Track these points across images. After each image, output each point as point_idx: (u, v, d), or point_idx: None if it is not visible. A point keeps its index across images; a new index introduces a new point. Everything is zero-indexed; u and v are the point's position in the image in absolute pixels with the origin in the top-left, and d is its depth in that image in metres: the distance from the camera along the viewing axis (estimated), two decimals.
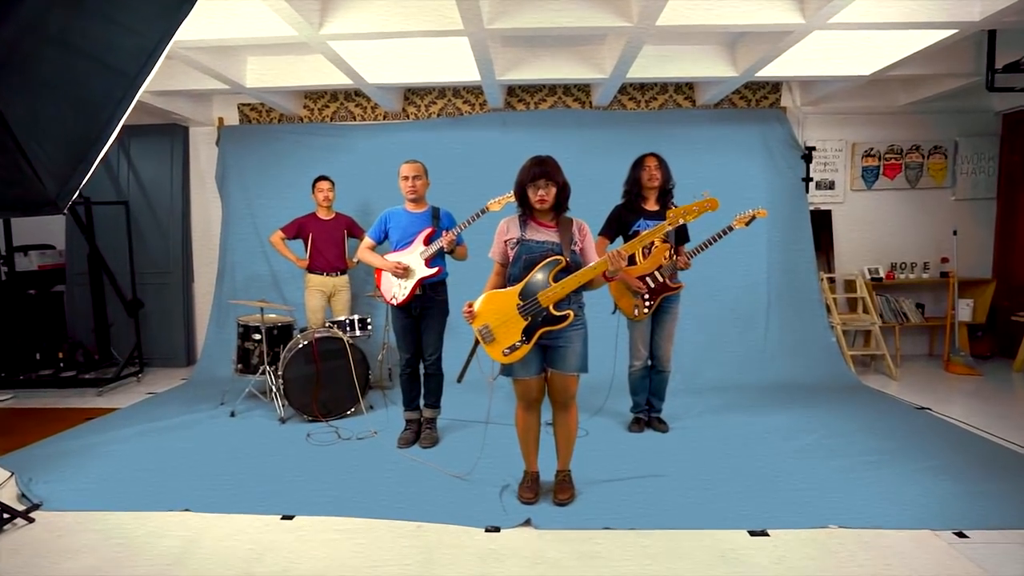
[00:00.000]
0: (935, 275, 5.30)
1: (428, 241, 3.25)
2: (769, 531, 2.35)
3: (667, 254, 3.32)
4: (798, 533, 2.33)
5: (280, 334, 4.11)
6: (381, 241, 3.34)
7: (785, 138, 5.07)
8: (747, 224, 3.28)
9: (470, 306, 2.46)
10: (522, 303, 2.39)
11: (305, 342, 3.70)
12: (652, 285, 3.33)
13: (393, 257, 3.26)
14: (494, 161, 4.99)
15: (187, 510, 2.57)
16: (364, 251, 3.34)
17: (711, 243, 3.36)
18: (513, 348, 2.40)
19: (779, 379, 4.58)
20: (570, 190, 2.50)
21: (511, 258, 2.49)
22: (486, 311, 2.44)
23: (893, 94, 5.13)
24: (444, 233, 3.20)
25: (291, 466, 3.04)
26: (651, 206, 3.35)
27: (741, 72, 4.30)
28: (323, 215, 4.49)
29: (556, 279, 2.37)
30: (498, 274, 2.60)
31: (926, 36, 3.77)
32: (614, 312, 3.47)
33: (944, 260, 5.32)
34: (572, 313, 2.39)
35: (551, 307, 2.37)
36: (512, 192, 3.15)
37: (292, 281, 5.12)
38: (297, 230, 4.45)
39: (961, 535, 2.30)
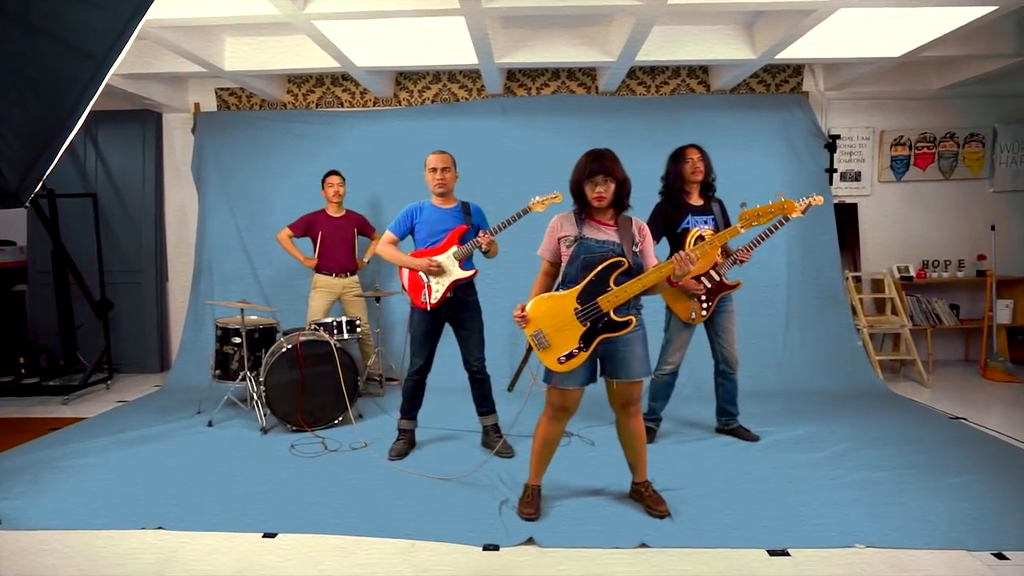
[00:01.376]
0: (971, 274, 5.30)
1: (461, 240, 3.22)
2: (790, 550, 2.35)
3: (721, 250, 3.34)
4: (821, 553, 2.33)
5: (262, 337, 4.11)
6: (404, 236, 3.31)
7: (807, 126, 5.07)
8: (803, 212, 3.26)
9: (523, 309, 2.45)
10: (581, 307, 2.39)
11: (289, 346, 3.69)
12: (709, 285, 3.34)
13: (423, 255, 3.23)
14: (493, 150, 5.00)
15: (160, 528, 2.57)
16: (386, 247, 3.27)
17: (769, 234, 3.37)
18: (570, 355, 2.39)
19: (800, 386, 4.58)
20: (630, 186, 2.50)
21: (567, 257, 2.48)
22: (540, 315, 2.43)
23: (925, 77, 5.13)
24: (481, 233, 3.18)
25: (273, 480, 3.04)
26: (695, 200, 3.37)
27: (759, 54, 4.30)
28: (333, 212, 4.54)
29: (618, 282, 2.37)
30: (547, 274, 2.58)
31: (962, 14, 3.75)
32: (670, 318, 3.46)
33: (981, 257, 5.32)
34: (635, 319, 2.40)
35: (612, 312, 2.37)
36: (555, 193, 3.20)
37: (275, 280, 5.12)
38: (306, 228, 4.50)
39: (1000, 556, 2.30)
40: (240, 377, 3.99)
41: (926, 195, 5.36)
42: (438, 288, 3.20)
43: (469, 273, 3.23)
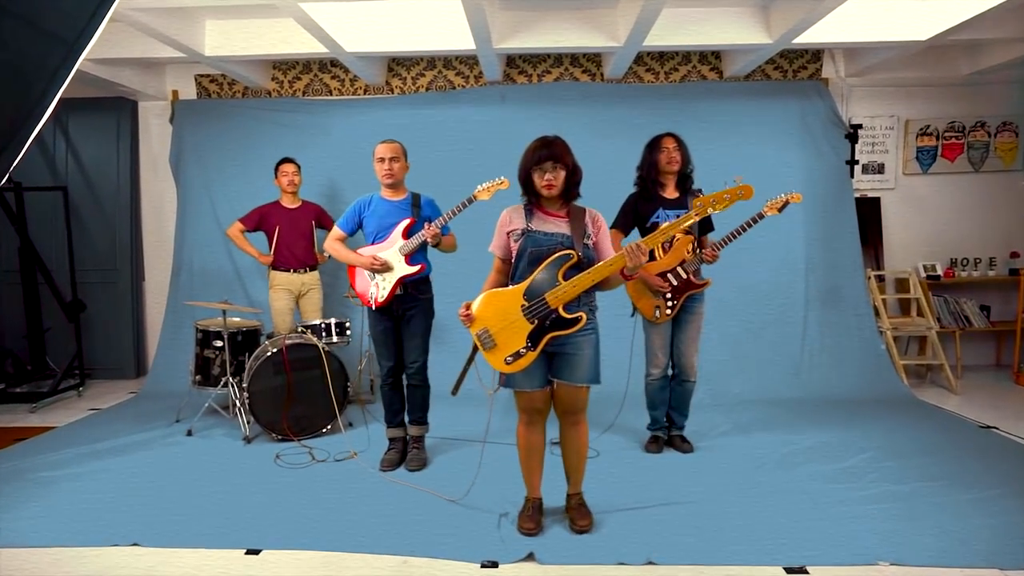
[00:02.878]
0: (1003, 272, 5.30)
1: (407, 234, 3.23)
2: (808, 568, 2.34)
3: (690, 247, 3.32)
4: (843, 571, 2.33)
5: (245, 340, 4.11)
6: (353, 232, 3.34)
7: (827, 115, 5.07)
8: (780, 210, 3.29)
9: (468, 307, 2.46)
10: (527, 304, 2.40)
11: (274, 350, 3.70)
12: (675, 283, 3.34)
13: (368, 251, 3.25)
14: (491, 141, 5.00)
15: (136, 545, 2.57)
16: (333, 243, 3.32)
17: (740, 233, 3.36)
18: (517, 356, 2.40)
19: (819, 392, 4.58)
20: (581, 174, 2.52)
21: (515, 252, 2.49)
22: (486, 313, 2.44)
23: (954, 62, 5.12)
24: (426, 225, 3.17)
25: (257, 492, 3.04)
26: (670, 193, 3.37)
27: (776, 38, 4.30)
28: (288, 203, 4.48)
29: (567, 277, 2.37)
30: (499, 271, 2.60)
31: None
32: (633, 315, 3.47)
33: (1014, 255, 5.32)
34: (584, 316, 2.40)
35: (560, 309, 2.37)
36: (501, 179, 3.20)
37: (260, 279, 5.12)
38: (259, 221, 4.44)
39: None
40: (222, 383, 3.99)
41: (954, 188, 5.36)
42: (384, 286, 3.22)
43: (415, 268, 3.22)
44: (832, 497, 2.91)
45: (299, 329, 3.95)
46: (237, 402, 3.92)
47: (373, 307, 3.25)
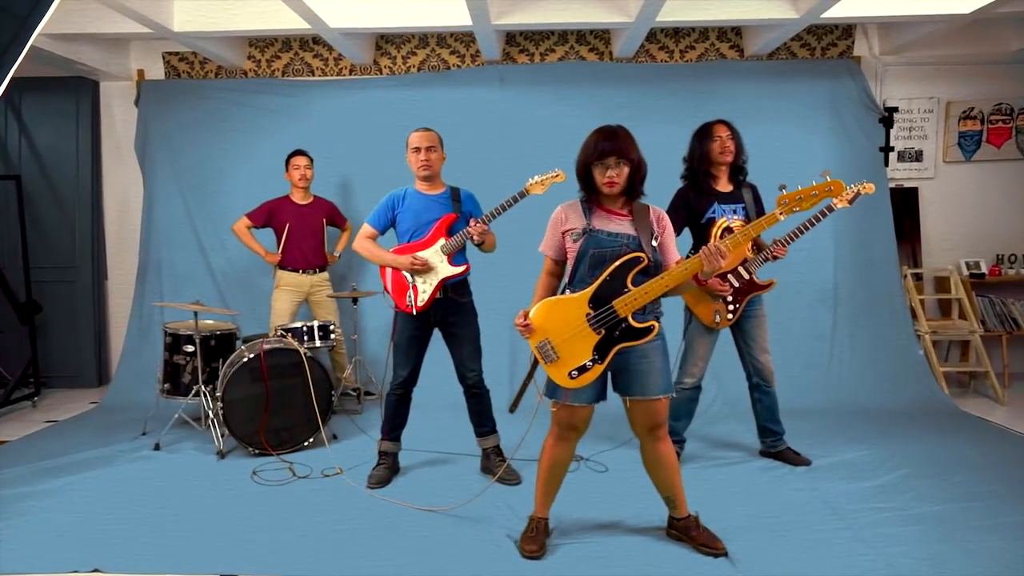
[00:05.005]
0: None
1: (449, 231, 3.23)
2: None
3: (751, 244, 3.35)
4: None
5: (219, 345, 4.12)
6: (385, 230, 3.33)
7: (859, 97, 5.08)
8: (850, 203, 3.28)
9: (525, 316, 2.45)
10: (593, 313, 2.39)
11: (251, 355, 3.70)
12: (737, 284, 3.35)
13: (401, 250, 3.24)
14: (489, 127, 5.02)
15: (97, 571, 2.56)
16: (364, 242, 3.31)
17: (808, 227, 3.34)
18: (582, 369, 2.40)
19: (849, 402, 4.59)
20: (646, 169, 2.51)
21: (573, 253, 2.49)
22: (546, 323, 2.43)
23: (1002, 38, 5.09)
24: (472, 222, 3.16)
25: (232, 512, 3.05)
26: (723, 186, 3.39)
27: (803, 13, 4.31)
28: (299, 199, 4.56)
29: (635, 282, 2.37)
30: (551, 273, 2.61)
31: None
32: (690, 321, 3.47)
33: None
34: (656, 324, 2.40)
35: (630, 317, 2.37)
36: (556, 172, 3.23)
37: (235, 278, 5.13)
38: (267, 217, 4.52)
39: None
40: (193, 392, 3.99)
41: (1001, 177, 5.38)
42: (424, 288, 3.21)
43: (460, 269, 3.24)
44: (864, 518, 2.91)
45: (279, 332, 3.96)
46: (210, 413, 3.92)
47: (415, 312, 3.22)
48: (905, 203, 5.28)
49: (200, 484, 3.38)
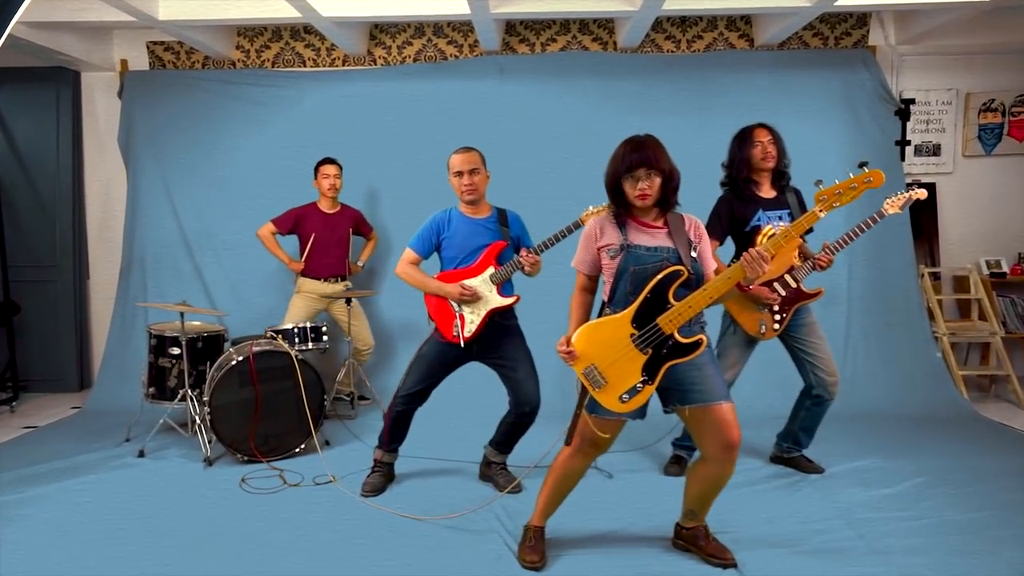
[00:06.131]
0: None
1: (499, 259, 3.22)
2: None
3: (798, 252, 3.36)
4: None
5: (206, 347, 4.12)
6: (429, 255, 3.29)
7: (874, 88, 5.09)
8: (901, 209, 3.29)
9: (567, 342, 2.43)
10: (638, 333, 2.37)
11: (239, 358, 3.71)
12: (783, 293, 3.35)
13: (444, 278, 3.21)
14: (488, 120, 5.02)
15: None
16: (408, 268, 3.26)
17: (858, 234, 3.34)
18: (633, 392, 2.39)
19: (864, 407, 4.59)
20: (679, 178, 2.48)
21: (611, 270, 2.47)
22: (590, 348, 2.41)
23: None
24: (524, 252, 3.14)
25: (219, 522, 3.05)
26: (766, 192, 3.39)
27: (816, 1, 4.32)
28: (326, 207, 4.64)
29: (677, 296, 2.36)
30: (585, 289, 2.60)
31: None
32: (729, 328, 3.48)
33: None
34: (704, 338, 2.39)
35: (676, 333, 2.36)
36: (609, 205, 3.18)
37: (223, 278, 5.14)
38: (293, 224, 4.58)
39: None
40: (179, 396, 4.00)
41: (1023, 172, 5.38)
42: (472, 319, 3.17)
43: (509, 301, 3.21)
44: (878, 528, 2.92)
45: (269, 334, 3.97)
46: (197, 418, 3.92)
47: (462, 343, 3.18)
48: (923, 199, 5.27)
49: (186, 493, 3.39)
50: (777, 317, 3.37)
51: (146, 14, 4.40)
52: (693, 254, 2.45)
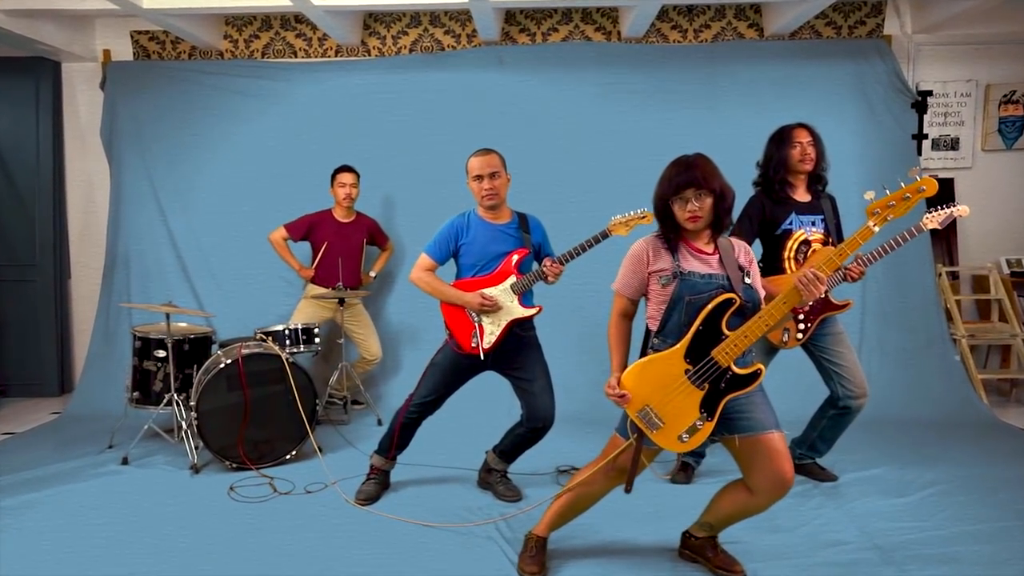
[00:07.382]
0: None
1: (520, 268, 3.20)
2: None
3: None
4: None
5: (193, 350, 4.13)
6: (445, 261, 3.26)
7: (889, 79, 5.10)
8: (941, 225, 3.25)
9: (617, 384, 2.39)
10: (693, 368, 2.33)
11: (228, 361, 3.72)
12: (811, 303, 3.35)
13: (461, 286, 3.20)
14: (487, 113, 5.03)
15: None
16: (424, 275, 3.21)
17: (894, 247, 3.31)
18: (693, 430, 2.35)
19: (879, 412, 4.55)
20: (733, 197, 2.44)
21: (662, 298, 2.42)
22: (642, 388, 2.37)
23: None
24: (547, 262, 3.13)
25: (207, 532, 3.06)
26: (801, 195, 3.40)
27: None
28: (341, 216, 4.67)
29: (731, 326, 2.31)
30: (626, 314, 2.54)
31: None
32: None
33: None
34: (762, 367, 2.36)
35: (733, 365, 2.32)
36: (642, 212, 3.13)
37: (210, 277, 5.14)
38: (306, 231, 4.62)
39: None
40: (165, 401, 4.01)
41: None
42: (492, 330, 3.16)
43: (532, 312, 3.20)
44: (894, 539, 2.92)
45: (258, 336, 3.98)
46: (183, 424, 3.93)
47: (481, 355, 3.15)
48: (940, 195, 5.25)
49: (172, 501, 3.39)
50: (801, 326, 3.37)
51: (130, 2, 4.40)
52: (747, 280, 2.42)
